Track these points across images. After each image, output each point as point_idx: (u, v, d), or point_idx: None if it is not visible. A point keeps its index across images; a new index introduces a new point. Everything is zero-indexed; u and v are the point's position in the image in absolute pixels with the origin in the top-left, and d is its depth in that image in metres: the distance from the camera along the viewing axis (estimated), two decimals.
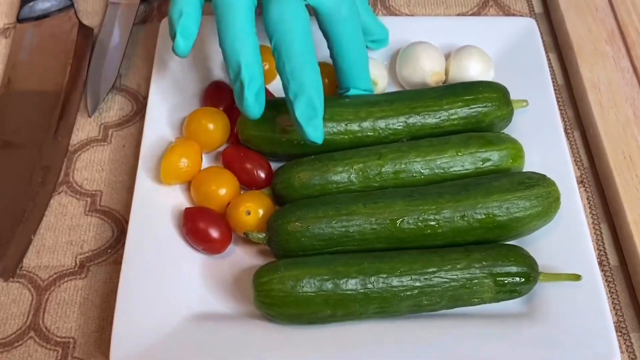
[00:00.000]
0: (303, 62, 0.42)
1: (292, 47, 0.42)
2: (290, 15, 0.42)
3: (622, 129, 0.50)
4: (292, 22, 0.42)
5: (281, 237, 0.42)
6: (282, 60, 0.42)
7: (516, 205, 0.42)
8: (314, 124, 0.41)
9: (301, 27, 0.42)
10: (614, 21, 0.56)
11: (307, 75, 0.41)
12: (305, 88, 0.41)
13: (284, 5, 0.42)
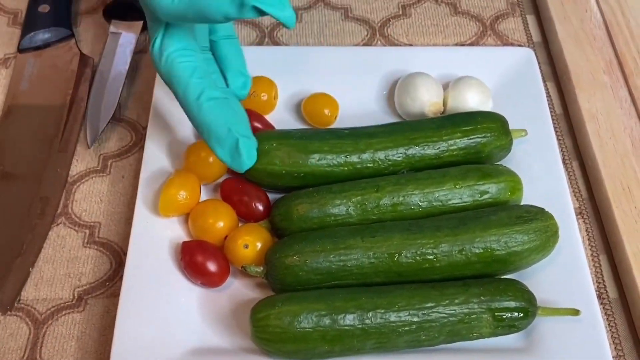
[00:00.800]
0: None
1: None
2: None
3: (620, 160, 0.50)
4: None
5: (279, 272, 0.42)
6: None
7: (514, 239, 0.42)
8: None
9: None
10: (612, 51, 0.56)
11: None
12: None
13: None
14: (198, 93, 0.41)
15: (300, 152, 0.46)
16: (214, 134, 0.40)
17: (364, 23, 0.59)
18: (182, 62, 0.41)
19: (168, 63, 0.41)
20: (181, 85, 0.41)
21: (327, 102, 0.51)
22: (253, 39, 0.58)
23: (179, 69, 0.41)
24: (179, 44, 0.41)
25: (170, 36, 0.41)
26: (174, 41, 0.41)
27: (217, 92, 0.41)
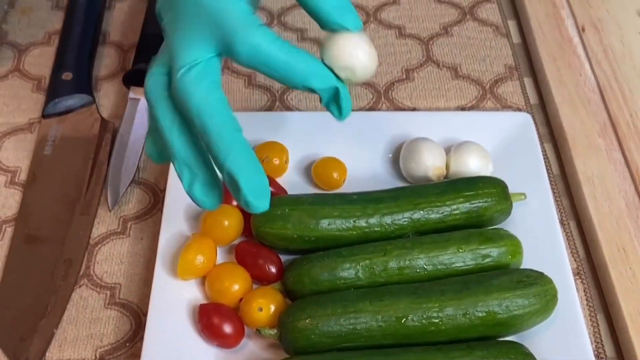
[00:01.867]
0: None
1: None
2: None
3: (615, 221, 0.53)
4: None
5: (292, 334, 0.44)
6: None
7: (515, 303, 0.45)
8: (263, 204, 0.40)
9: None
10: (606, 114, 0.59)
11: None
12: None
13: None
14: (234, 127, 0.39)
15: (311, 217, 0.49)
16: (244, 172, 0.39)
17: (370, 87, 0.62)
18: (218, 96, 0.40)
19: (205, 93, 0.39)
20: (216, 118, 0.39)
21: (335, 166, 0.54)
22: (264, 102, 0.61)
23: (214, 100, 0.39)
24: (216, 76, 0.40)
25: (211, 65, 0.40)
26: (214, 71, 0.40)
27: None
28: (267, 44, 0.39)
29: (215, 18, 0.39)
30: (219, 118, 0.39)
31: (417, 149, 0.54)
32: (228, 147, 0.39)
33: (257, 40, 0.39)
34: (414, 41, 0.66)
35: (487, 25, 0.67)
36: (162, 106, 0.41)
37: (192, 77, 0.39)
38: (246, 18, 0.39)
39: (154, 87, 0.41)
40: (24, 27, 0.66)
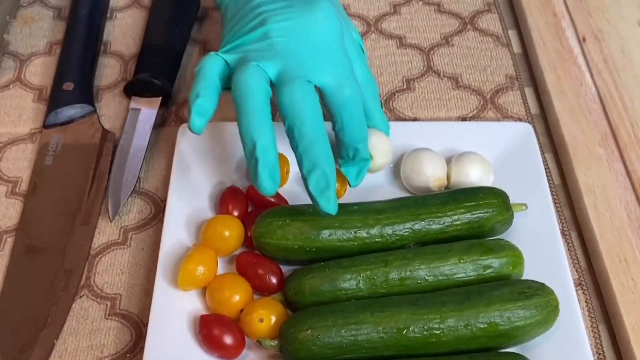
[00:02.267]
0: (314, 139, 0.46)
1: (304, 126, 0.46)
2: (300, 98, 0.47)
3: (616, 232, 0.52)
4: (302, 104, 0.47)
5: (293, 346, 0.44)
6: (295, 140, 0.46)
7: (517, 314, 0.44)
8: (327, 196, 0.45)
9: (311, 108, 0.47)
10: (607, 124, 0.59)
11: (318, 152, 0.46)
12: (318, 163, 0.45)
13: (294, 89, 0.47)
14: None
15: (312, 228, 0.49)
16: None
17: None
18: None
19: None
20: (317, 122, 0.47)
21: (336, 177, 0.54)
22: None
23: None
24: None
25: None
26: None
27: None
28: (356, 101, 0.50)
29: (333, 59, 0.50)
30: (320, 125, 0.47)
31: (417, 159, 0.54)
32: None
33: (352, 94, 0.50)
34: (414, 51, 0.66)
35: (487, 35, 0.67)
36: (263, 96, 0.47)
37: (310, 88, 0.48)
38: (351, 72, 0.51)
39: (260, 78, 0.47)
40: (25, 37, 0.66)
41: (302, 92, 0.47)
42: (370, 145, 0.53)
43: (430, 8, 0.69)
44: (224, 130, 0.57)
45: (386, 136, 0.55)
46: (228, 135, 0.57)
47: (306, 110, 0.46)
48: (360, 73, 0.53)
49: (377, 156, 0.54)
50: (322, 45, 0.50)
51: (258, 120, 0.46)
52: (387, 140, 0.55)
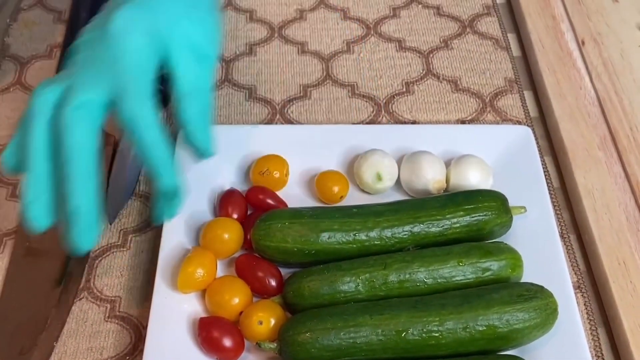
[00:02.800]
0: (73, 178, 0.42)
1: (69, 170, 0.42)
2: (69, 127, 0.42)
3: (616, 235, 0.52)
4: (70, 138, 0.42)
5: (292, 348, 0.44)
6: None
7: (516, 317, 0.44)
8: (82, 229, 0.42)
9: (78, 146, 0.42)
10: (606, 127, 0.59)
11: (74, 190, 0.42)
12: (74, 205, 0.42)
13: (66, 119, 0.42)
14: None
15: (311, 230, 0.49)
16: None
17: (370, 100, 0.62)
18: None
19: (86, 137, 0.42)
20: (83, 163, 0.42)
21: (337, 180, 0.54)
22: (265, 115, 0.61)
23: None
24: (100, 122, 0.44)
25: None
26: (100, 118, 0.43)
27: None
28: (149, 118, 0.43)
29: (120, 74, 0.43)
30: (84, 163, 0.42)
31: (417, 162, 0.54)
32: (79, 190, 0.42)
33: (141, 112, 0.43)
34: (414, 54, 0.66)
35: (487, 39, 0.67)
36: (43, 124, 0.43)
37: (80, 115, 0.42)
38: (145, 90, 0.44)
39: (44, 102, 0.43)
40: (26, 41, 0.66)
41: (67, 119, 0.42)
42: (382, 166, 0.53)
43: (430, 11, 0.70)
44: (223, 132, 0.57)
45: (393, 159, 0.54)
46: (227, 137, 0.56)
47: (66, 140, 0.42)
48: (185, 80, 0.46)
49: (386, 179, 0.54)
50: (110, 57, 0.43)
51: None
52: (395, 163, 0.54)
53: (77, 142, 0.42)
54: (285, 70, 0.64)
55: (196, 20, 0.46)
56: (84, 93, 0.42)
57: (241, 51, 0.66)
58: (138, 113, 0.43)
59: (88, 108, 0.42)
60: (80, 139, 0.42)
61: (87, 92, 0.43)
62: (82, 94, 0.42)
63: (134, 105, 0.43)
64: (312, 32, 0.68)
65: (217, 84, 0.63)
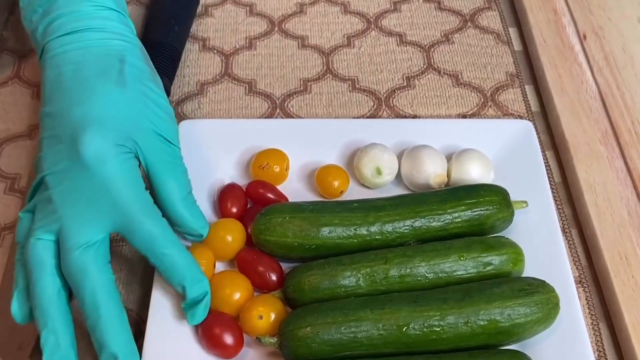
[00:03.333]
0: (98, 317, 0.42)
1: (85, 305, 0.43)
2: (78, 272, 0.42)
3: (617, 229, 0.52)
4: (80, 278, 0.42)
5: (292, 343, 0.44)
6: (84, 315, 0.43)
7: (517, 311, 0.44)
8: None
9: (90, 282, 0.42)
10: (608, 122, 0.59)
11: (102, 331, 0.42)
12: (103, 344, 0.42)
13: (70, 263, 0.42)
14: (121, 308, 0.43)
15: (312, 225, 0.49)
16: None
17: (371, 94, 0.62)
18: (109, 276, 0.43)
19: (101, 274, 0.43)
20: (105, 297, 0.42)
21: (337, 175, 0.54)
22: (265, 109, 0.61)
23: (106, 279, 0.43)
24: (108, 254, 0.44)
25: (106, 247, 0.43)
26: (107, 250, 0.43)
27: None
28: (164, 235, 0.44)
29: (118, 203, 0.43)
30: (111, 299, 0.43)
31: (418, 156, 0.54)
32: (116, 336, 0.42)
33: (156, 230, 0.44)
34: (414, 48, 0.66)
35: (488, 33, 0.67)
36: (50, 275, 0.43)
37: (89, 257, 0.42)
38: (148, 206, 0.44)
39: (43, 253, 0.43)
40: (24, 34, 0.66)
41: (79, 264, 0.42)
42: (382, 160, 0.53)
43: (431, 5, 0.69)
44: (222, 126, 0.57)
45: (393, 153, 0.54)
46: (227, 131, 0.56)
47: (85, 286, 0.42)
48: (163, 160, 0.46)
49: (386, 173, 0.54)
50: (98, 190, 0.43)
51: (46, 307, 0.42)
52: (395, 157, 0.54)
53: (96, 282, 0.42)
54: (285, 65, 0.64)
55: (153, 115, 0.47)
56: (85, 234, 0.42)
57: (241, 45, 0.66)
58: (155, 233, 0.43)
59: (95, 247, 0.42)
60: (96, 277, 0.42)
61: (88, 231, 0.42)
62: (83, 235, 0.42)
63: (148, 229, 0.43)
64: (313, 26, 0.67)
65: (217, 77, 0.63)
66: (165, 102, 0.49)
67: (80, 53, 0.47)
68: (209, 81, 0.63)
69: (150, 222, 0.44)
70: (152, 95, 0.47)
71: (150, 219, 0.44)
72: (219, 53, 0.65)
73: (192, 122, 0.57)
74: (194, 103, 0.61)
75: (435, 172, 0.53)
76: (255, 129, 0.57)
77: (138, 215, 0.43)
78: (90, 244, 0.42)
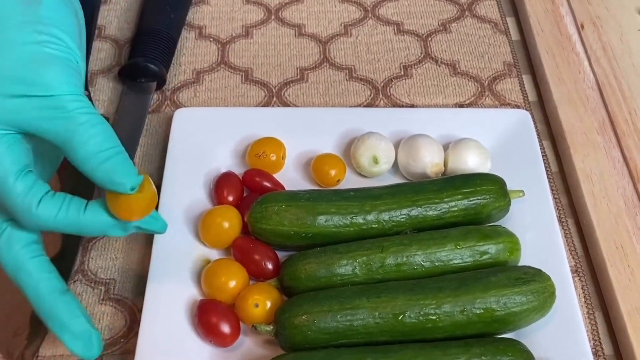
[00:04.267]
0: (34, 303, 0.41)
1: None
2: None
3: (614, 219, 0.52)
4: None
5: (288, 331, 0.44)
6: None
7: (513, 300, 0.44)
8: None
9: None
10: (605, 112, 0.59)
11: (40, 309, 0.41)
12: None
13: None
14: (51, 287, 0.41)
15: (308, 213, 0.48)
16: (68, 327, 0.41)
17: (368, 83, 0.62)
18: (33, 258, 0.41)
19: (18, 259, 0.40)
20: (32, 280, 0.41)
21: (334, 164, 0.54)
22: (261, 98, 0.60)
23: (29, 265, 0.41)
24: (27, 238, 0.41)
25: (17, 229, 0.40)
26: (22, 235, 0.40)
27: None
28: (52, 219, 0.39)
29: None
30: (36, 281, 0.40)
31: (415, 145, 0.54)
32: (47, 311, 0.41)
33: (40, 219, 0.39)
34: (412, 37, 0.65)
35: (485, 22, 0.67)
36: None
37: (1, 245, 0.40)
38: (25, 197, 0.38)
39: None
40: None
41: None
42: (378, 149, 0.53)
43: None
44: (219, 114, 0.57)
45: (390, 142, 0.54)
46: (223, 120, 0.56)
47: (18, 279, 0.41)
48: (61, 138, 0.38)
49: (383, 162, 0.53)
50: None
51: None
52: (392, 146, 0.54)
53: (16, 268, 0.40)
54: (282, 53, 0.64)
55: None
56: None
57: (237, 33, 0.65)
58: (43, 222, 0.39)
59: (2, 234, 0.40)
60: (16, 264, 0.40)
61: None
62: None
63: (34, 220, 0.39)
64: (309, 15, 0.67)
65: (213, 66, 0.63)
66: (23, 35, 0.38)
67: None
68: (205, 69, 0.62)
69: (33, 216, 0.39)
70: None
71: (32, 212, 0.39)
72: (215, 41, 0.64)
73: (189, 110, 0.57)
74: (190, 91, 0.61)
75: (432, 161, 0.53)
76: (252, 117, 0.57)
77: (20, 212, 0.39)
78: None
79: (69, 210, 0.40)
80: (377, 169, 0.54)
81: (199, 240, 0.50)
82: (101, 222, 0.40)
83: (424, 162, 0.53)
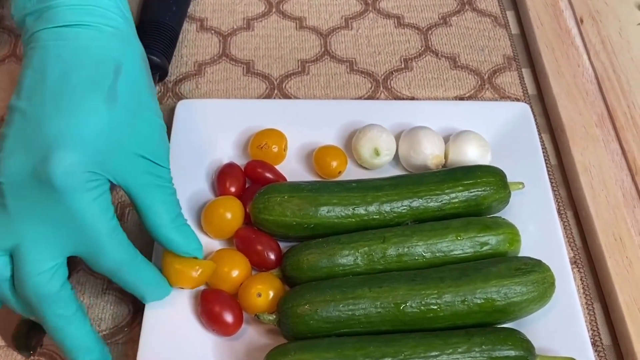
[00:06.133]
0: (58, 341, 0.43)
1: (47, 329, 0.43)
2: (34, 295, 0.41)
3: (612, 211, 0.53)
4: (37, 301, 0.42)
5: (291, 320, 0.45)
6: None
7: (513, 290, 0.45)
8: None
9: (48, 306, 0.42)
10: (604, 105, 0.59)
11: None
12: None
13: (26, 286, 0.41)
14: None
15: (311, 204, 0.49)
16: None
17: (368, 76, 0.62)
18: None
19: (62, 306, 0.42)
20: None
21: (335, 155, 0.54)
22: (263, 90, 0.61)
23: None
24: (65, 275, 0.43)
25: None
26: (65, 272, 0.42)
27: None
28: (128, 263, 0.43)
29: (82, 231, 0.41)
30: (70, 324, 0.42)
31: (415, 137, 0.54)
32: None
33: (119, 257, 0.42)
34: (412, 31, 0.66)
35: (485, 16, 0.67)
36: (6, 290, 0.42)
37: (48, 283, 0.41)
38: (113, 235, 0.42)
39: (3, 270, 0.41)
40: None
41: (38, 291, 0.41)
42: (380, 141, 0.53)
43: None
44: (221, 106, 0.57)
45: (391, 134, 0.54)
46: (226, 111, 0.56)
47: (45, 313, 0.42)
48: (149, 193, 0.43)
49: (384, 154, 0.54)
50: (62, 216, 0.40)
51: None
52: (393, 138, 0.54)
53: (58, 309, 0.42)
54: (283, 46, 0.64)
55: (140, 136, 0.43)
56: (45, 259, 0.41)
57: (239, 26, 0.65)
58: (118, 261, 0.42)
59: (53, 271, 0.41)
60: (59, 306, 0.42)
61: (47, 256, 0.41)
62: (42, 262, 0.41)
63: (111, 258, 0.42)
64: (310, 8, 0.67)
65: (215, 58, 0.63)
66: (157, 118, 0.45)
67: (74, 53, 0.42)
68: (207, 61, 0.63)
69: (114, 251, 0.42)
70: (143, 113, 0.43)
71: (113, 249, 0.42)
72: (217, 33, 0.65)
73: (191, 101, 0.57)
74: (191, 83, 0.61)
75: (432, 153, 0.54)
76: (254, 109, 0.57)
77: (101, 244, 0.41)
78: (49, 269, 0.41)
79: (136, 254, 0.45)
80: (378, 161, 0.54)
81: (201, 231, 0.50)
82: (159, 282, 0.46)
83: (424, 154, 0.53)
